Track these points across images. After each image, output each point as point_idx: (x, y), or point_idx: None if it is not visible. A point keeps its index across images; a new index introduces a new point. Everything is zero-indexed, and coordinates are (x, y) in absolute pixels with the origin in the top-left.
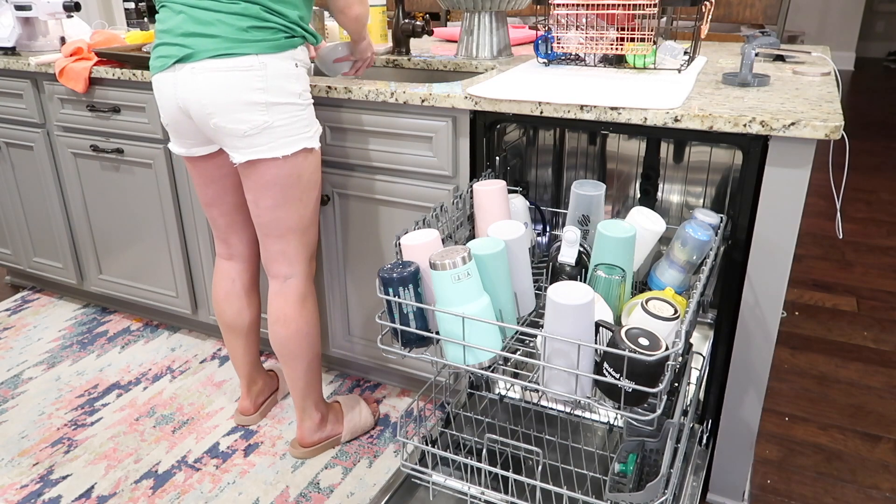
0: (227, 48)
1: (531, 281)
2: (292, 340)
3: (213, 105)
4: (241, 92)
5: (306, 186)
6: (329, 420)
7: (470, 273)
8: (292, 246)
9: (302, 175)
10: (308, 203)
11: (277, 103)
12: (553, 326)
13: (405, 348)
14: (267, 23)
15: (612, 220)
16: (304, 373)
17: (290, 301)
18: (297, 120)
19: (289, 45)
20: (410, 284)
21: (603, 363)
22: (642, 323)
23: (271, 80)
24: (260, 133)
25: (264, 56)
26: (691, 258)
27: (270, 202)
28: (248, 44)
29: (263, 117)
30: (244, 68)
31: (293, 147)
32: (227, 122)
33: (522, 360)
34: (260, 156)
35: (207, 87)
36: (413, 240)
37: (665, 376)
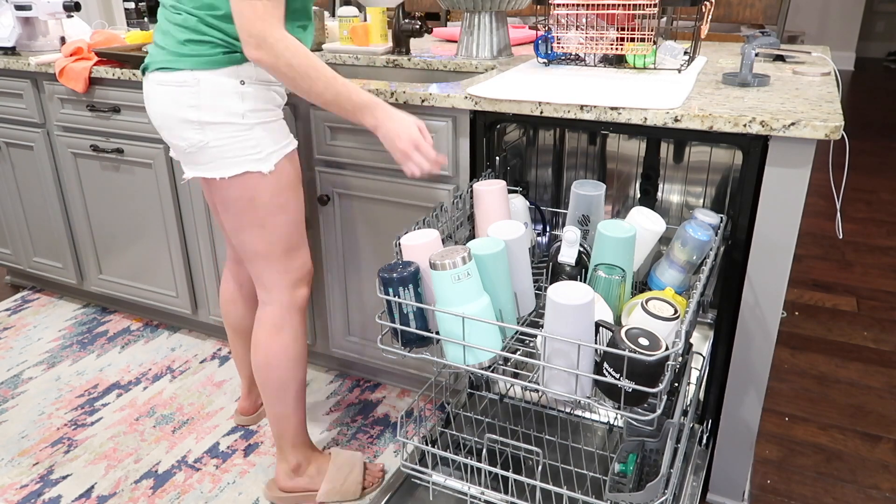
0: (168, 62)
1: (531, 281)
2: (261, 369)
3: (157, 118)
4: (174, 108)
5: (267, 211)
6: (307, 472)
7: (470, 273)
8: (265, 272)
9: (255, 199)
10: (274, 228)
11: (212, 122)
12: (553, 326)
13: (405, 348)
14: (204, 36)
15: (613, 220)
16: (274, 407)
17: (262, 327)
18: (238, 141)
19: (228, 60)
20: (410, 284)
21: (603, 363)
22: (642, 323)
23: (205, 98)
24: (198, 152)
25: (199, 72)
26: (691, 258)
27: (229, 225)
28: (184, 58)
29: (198, 136)
30: (178, 83)
31: (234, 169)
32: (169, 137)
33: (522, 360)
34: (202, 174)
35: (153, 100)
36: (413, 240)
37: (665, 376)
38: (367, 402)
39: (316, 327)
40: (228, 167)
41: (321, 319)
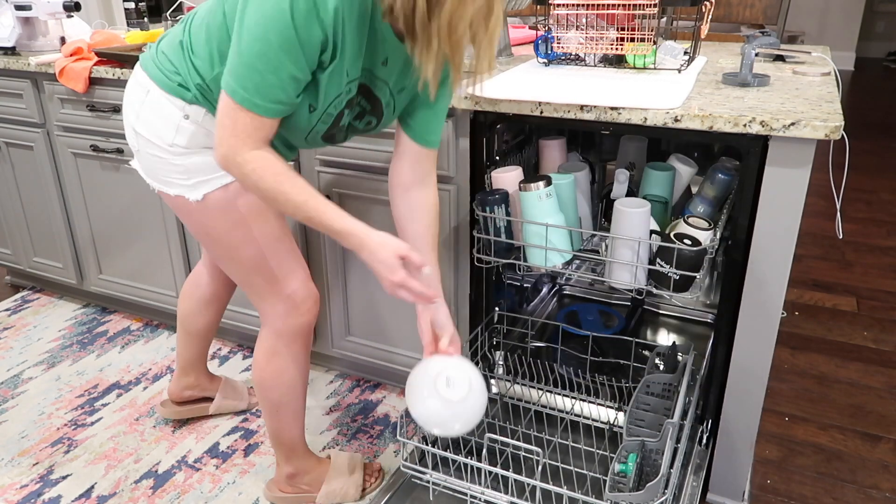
0: (142, 62)
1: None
2: (258, 387)
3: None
4: (126, 104)
5: (226, 244)
6: (305, 479)
7: (550, 195)
8: (253, 299)
9: (209, 232)
10: (244, 261)
11: (142, 136)
12: (618, 229)
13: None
14: (173, 56)
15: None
16: (270, 422)
17: (260, 347)
18: (166, 164)
19: (178, 92)
20: (503, 204)
21: (656, 259)
22: (684, 231)
23: (145, 109)
24: (137, 154)
25: (153, 83)
26: (718, 194)
27: (204, 244)
28: (150, 64)
29: (133, 140)
30: (136, 83)
31: (167, 188)
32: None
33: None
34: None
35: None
36: (502, 172)
37: (704, 267)
38: (367, 402)
39: (316, 327)
40: (160, 184)
41: (321, 319)
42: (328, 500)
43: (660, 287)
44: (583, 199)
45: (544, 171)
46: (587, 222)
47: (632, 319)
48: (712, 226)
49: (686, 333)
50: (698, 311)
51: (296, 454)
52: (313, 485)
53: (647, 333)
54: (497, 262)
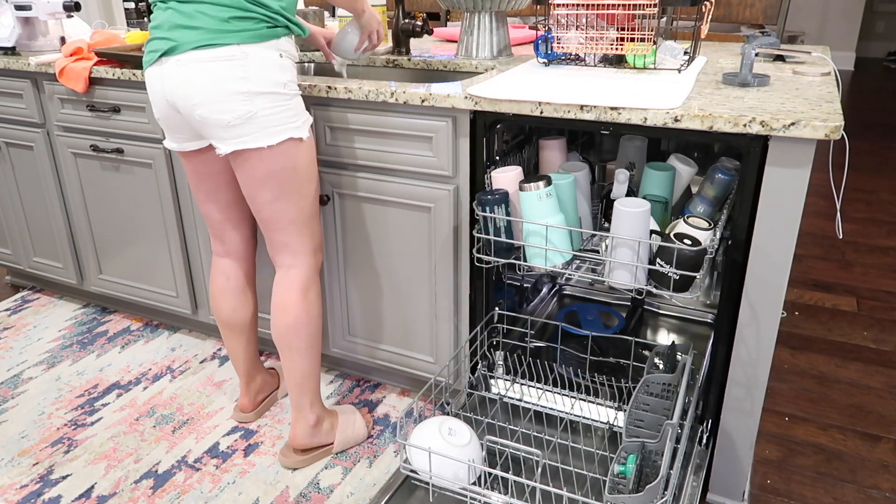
0: (209, 39)
1: (590, 209)
2: (291, 330)
3: (197, 96)
4: (223, 81)
5: (303, 178)
6: (324, 427)
7: (550, 195)
8: (295, 238)
9: (296, 167)
10: (307, 195)
11: (261, 92)
12: (618, 229)
13: (495, 257)
14: (249, 13)
15: (655, 162)
16: (301, 365)
17: (292, 290)
18: (283, 110)
19: (272, 34)
20: (503, 204)
21: (657, 259)
22: (684, 231)
23: (253, 70)
24: (244, 123)
25: (246, 46)
26: (718, 194)
27: (268, 196)
28: (230, 34)
29: (247, 107)
30: (226, 58)
31: (279, 136)
32: (212, 112)
33: (591, 257)
34: (245, 146)
35: (191, 78)
36: (501, 172)
37: (704, 267)
38: (367, 402)
39: None
40: (274, 135)
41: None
42: (344, 447)
43: (660, 287)
44: (583, 199)
45: (544, 171)
46: (587, 222)
47: (632, 319)
48: (712, 226)
49: (686, 333)
50: (698, 311)
51: (318, 397)
52: (329, 433)
53: (647, 333)
54: (497, 262)
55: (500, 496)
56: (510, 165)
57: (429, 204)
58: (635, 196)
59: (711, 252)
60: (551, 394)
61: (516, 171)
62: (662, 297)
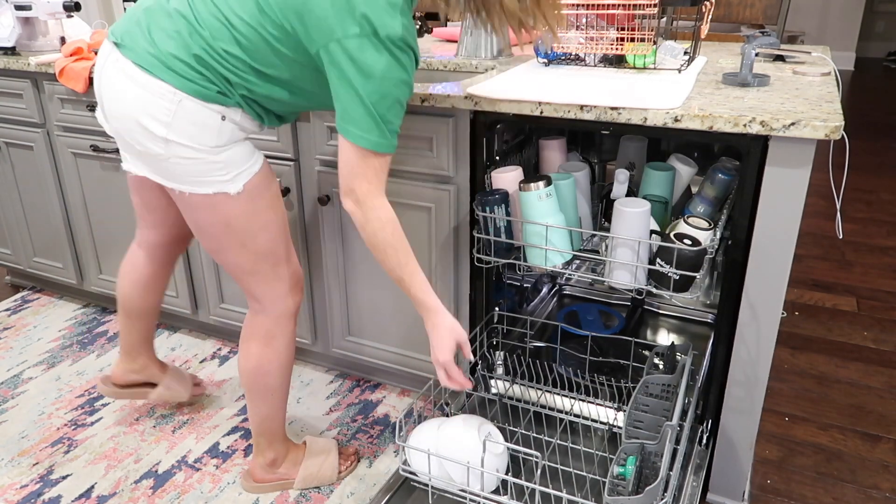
0: (150, 64)
1: (590, 209)
2: (251, 375)
3: (116, 109)
4: (142, 115)
5: (246, 233)
6: (285, 463)
7: (550, 195)
8: (256, 287)
9: (231, 223)
10: (257, 247)
11: (178, 143)
12: (618, 229)
13: (495, 257)
14: (203, 68)
15: (655, 162)
16: (261, 409)
17: (254, 336)
18: (204, 164)
19: (217, 100)
20: (503, 204)
21: (657, 259)
22: (684, 231)
23: (179, 120)
24: (159, 161)
25: (182, 94)
26: (718, 194)
27: (209, 246)
28: (171, 72)
29: (159, 149)
30: (154, 93)
31: (200, 188)
32: (125, 134)
33: (591, 257)
34: (159, 181)
35: (118, 89)
36: (502, 172)
37: (704, 267)
38: (367, 402)
39: (316, 327)
40: (192, 185)
41: (321, 319)
42: (306, 484)
43: (660, 287)
44: (583, 199)
45: (544, 171)
46: (587, 222)
47: (632, 319)
48: (712, 226)
49: (686, 333)
50: (698, 311)
51: (277, 439)
52: (291, 469)
53: (647, 333)
54: (497, 262)
55: (500, 497)
56: (510, 165)
57: (429, 204)
58: (635, 196)
59: (711, 252)
60: (551, 394)
61: (516, 171)
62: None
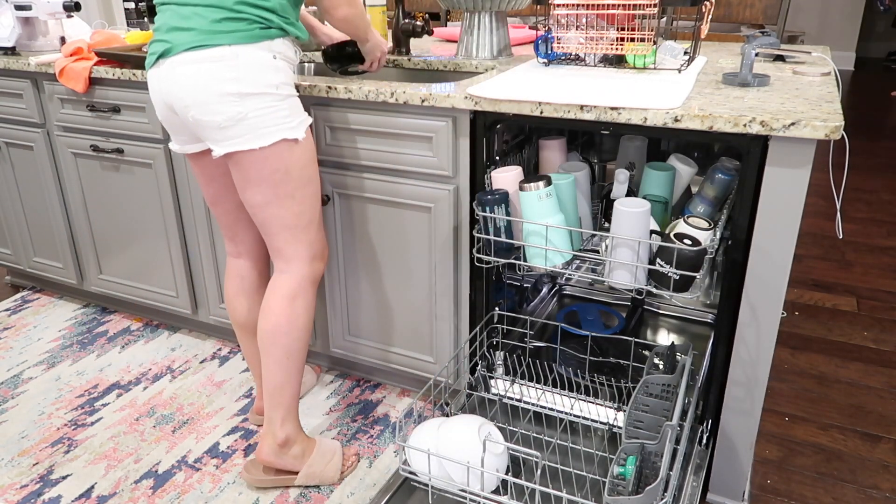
0: (200, 40)
1: (590, 209)
2: (270, 335)
3: (189, 97)
4: (214, 82)
5: (297, 182)
6: (292, 450)
7: (550, 195)
8: (290, 244)
9: (290, 170)
10: (303, 200)
11: (251, 93)
12: (618, 229)
13: (495, 257)
14: (240, 14)
15: (656, 162)
16: (276, 374)
17: (277, 294)
18: (275, 110)
19: (264, 35)
20: (503, 204)
21: (657, 259)
22: (684, 231)
23: (243, 70)
24: (236, 124)
25: (237, 46)
26: (718, 194)
27: (260, 199)
28: (220, 34)
29: (237, 108)
30: (216, 59)
31: (272, 137)
32: (203, 114)
33: (591, 257)
34: (237, 147)
35: (183, 79)
36: (502, 172)
37: (704, 267)
38: (367, 402)
39: (316, 327)
40: (265, 137)
41: (321, 319)
42: (308, 481)
43: (660, 287)
44: (583, 199)
45: (544, 171)
46: (587, 222)
47: (632, 319)
48: (712, 226)
49: (686, 333)
50: (698, 311)
51: (291, 415)
52: (297, 460)
53: (647, 333)
54: (497, 262)
55: (500, 497)
56: (510, 165)
57: (429, 204)
58: (635, 196)
59: (711, 252)
60: (551, 394)
61: (516, 171)
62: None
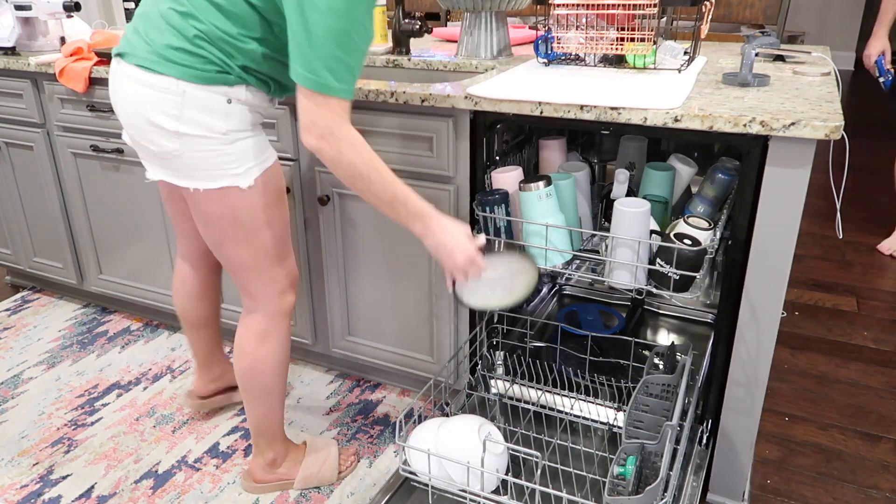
0: (150, 62)
1: (590, 209)
2: (245, 374)
3: (128, 115)
4: (151, 112)
5: (249, 227)
6: (285, 463)
7: (550, 195)
8: (252, 283)
9: (237, 216)
10: (259, 243)
11: (190, 135)
12: (618, 229)
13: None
14: (200, 50)
15: (655, 162)
16: (257, 409)
17: (248, 335)
18: (217, 155)
19: (219, 80)
20: (503, 204)
21: (657, 259)
22: (684, 231)
23: (187, 110)
24: (172, 159)
25: (185, 83)
26: (718, 194)
27: (210, 239)
28: (170, 64)
29: (173, 145)
30: (160, 89)
31: (212, 182)
32: (139, 137)
33: (591, 257)
34: (173, 181)
35: (126, 94)
36: (502, 172)
37: (704, 267)
38: (367, 402)
39: (316, 327)
40: (206, 179)
41: (321, 319)
42: (306, 484)
43: (660, 287)
44: (583, 199)
45: (544, 171)
46: (587, 222)
47: (632, 319)
48: (712, 226)
49: (686, 333)
50: (698, 311)
51: (276, 439)
52: (291, 469)
53: (647, 333)
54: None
55: (500, 497)
56: (510, 165)
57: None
58: (635, 196)
59: (711, 252)
60: (551, 394)
61: (516, 171)
62: (662, 297)
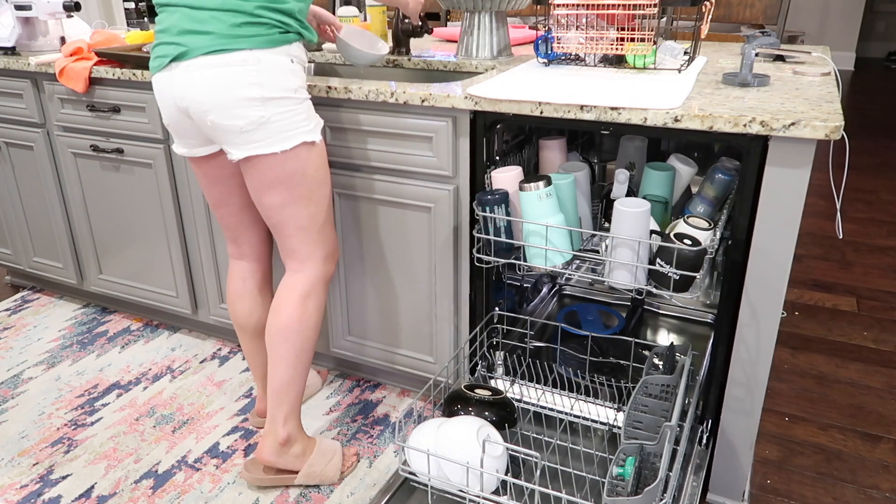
0: (221, 44)
1: (590, 209)
2: (280, 333)
3: (209, 102)
4: (236, 87)
5: (313, 183)
6: (293, 450)
7: (550, 195)
8: (304, 244)
9: (307, 172)
10: (318, 201)
11: (273, 98)
12: (618, 229)
13: (495, 257)
14: (261, 19)
15: (655, 162)
16: (284, 372)
17: (290, 293)
18: (295, 114)
19: (283, 40)
20: (503, 204)
21: (657, 259)
22: (684, 231)
23: (266, 75)
24: (257, 129)
25: (258, 51)
26: (718, 194)
27: (277, 200)
28: (241, 39)
29: (259, 112)
30: (238, 63)
31: (292, 141)
32: (224, 118)
33: (591, 257)
34: (259, 151)
35: (202, 84)
36: (502, 172)
37: (704, 267)
38: (367, 402)
39: None
40: (287, 140)
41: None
42: (308, 481)
43: (660, 287)
44: (583, 199)
45: (544, 171)
46: (587, 222)
47: (632, 319)
48: (712, 226)
49: (686, 333)
50: (698, 311)
51: (294, 414)
52: (300, 457)
53: (647, 333)
54: (497, 262)
55: (500, 498)
56: (510, 165)
57: (429, 204)
58: (635, 196)
59: (711, 252)
60: (551, 394)
61: (516, 171)
62: (662, 297)
